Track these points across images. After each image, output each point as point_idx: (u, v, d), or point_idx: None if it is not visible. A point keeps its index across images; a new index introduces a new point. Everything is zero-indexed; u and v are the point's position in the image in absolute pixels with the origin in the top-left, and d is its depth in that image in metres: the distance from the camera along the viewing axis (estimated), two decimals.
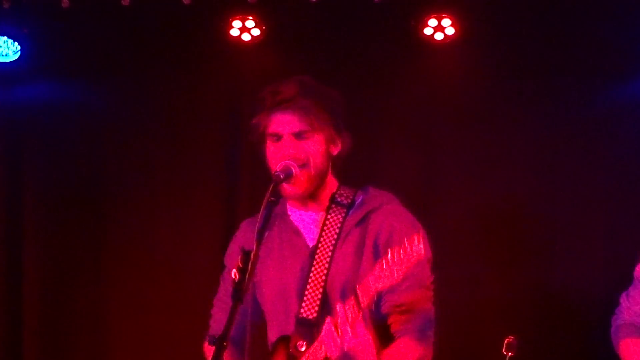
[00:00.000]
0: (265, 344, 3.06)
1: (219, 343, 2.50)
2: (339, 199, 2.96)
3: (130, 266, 5.07)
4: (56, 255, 5.11)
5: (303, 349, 2.80)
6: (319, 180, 2.92)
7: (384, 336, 2.82)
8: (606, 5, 4.68)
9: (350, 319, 2.62)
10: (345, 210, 2.95)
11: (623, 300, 3.46)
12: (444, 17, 4.71)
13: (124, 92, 5.16)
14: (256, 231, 2.65)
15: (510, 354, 3.21)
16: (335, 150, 2.95)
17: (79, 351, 5.07)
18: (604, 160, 4.80)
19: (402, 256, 2.54)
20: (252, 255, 2.59)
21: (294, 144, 2.84)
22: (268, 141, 2.89)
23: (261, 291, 3.02)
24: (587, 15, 4.71)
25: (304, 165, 2.86)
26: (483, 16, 4.76)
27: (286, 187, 2.86)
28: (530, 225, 4.87)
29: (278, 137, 2.84)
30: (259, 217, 2.67)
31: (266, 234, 2.95)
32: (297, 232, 2.99)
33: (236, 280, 2.60)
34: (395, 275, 2.55)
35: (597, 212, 4.77)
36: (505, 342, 3.25)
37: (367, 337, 2.67)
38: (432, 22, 4.74)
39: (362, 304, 2.60)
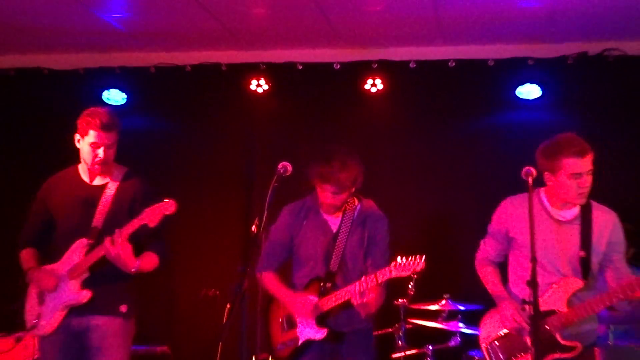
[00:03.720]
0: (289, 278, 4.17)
1: (244, 272, 3.41)
2: (348, 208, 4.15)
3: (177, 238, 5.62)
4: None
5: (329, 286, 4.01)
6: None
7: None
8: (472, 74, 5.88)
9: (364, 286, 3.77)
10: (352, 214, 4.15)
11: (482, 244, 4.26)
12: (377, 78, 5.99)
13: (184, 126, 6.34)
14: (266, 204, 3.63)
15: (415, 276, 3.89)
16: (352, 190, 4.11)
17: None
18: (478, 171, 5.90)
19: (398, 267, 3.66)
20: (264, 217, 3.60)
21: (333, 196, 4.03)
22: (317, 188, 4.07)
23: (299, 248, 4.17)
24: (462, 79, 5.94)
25: (336, 206, 4.08)
26: (402, 77, 5.98)
27: (327, 202, 4.03)
28: (438, 216, 5.98)
29: (324, 189, 4.03)
30: (268, 197, 3.62)
31: (304, 223, 4.14)
32: (325, 223, 4.16)
33: (255, 232, 3.68)
34: (390, 274, 3.70)
35: (471, 203, 5.82)
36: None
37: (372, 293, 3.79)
38: (369, 80, 5.98)
39: (371, 281, 3.75)
